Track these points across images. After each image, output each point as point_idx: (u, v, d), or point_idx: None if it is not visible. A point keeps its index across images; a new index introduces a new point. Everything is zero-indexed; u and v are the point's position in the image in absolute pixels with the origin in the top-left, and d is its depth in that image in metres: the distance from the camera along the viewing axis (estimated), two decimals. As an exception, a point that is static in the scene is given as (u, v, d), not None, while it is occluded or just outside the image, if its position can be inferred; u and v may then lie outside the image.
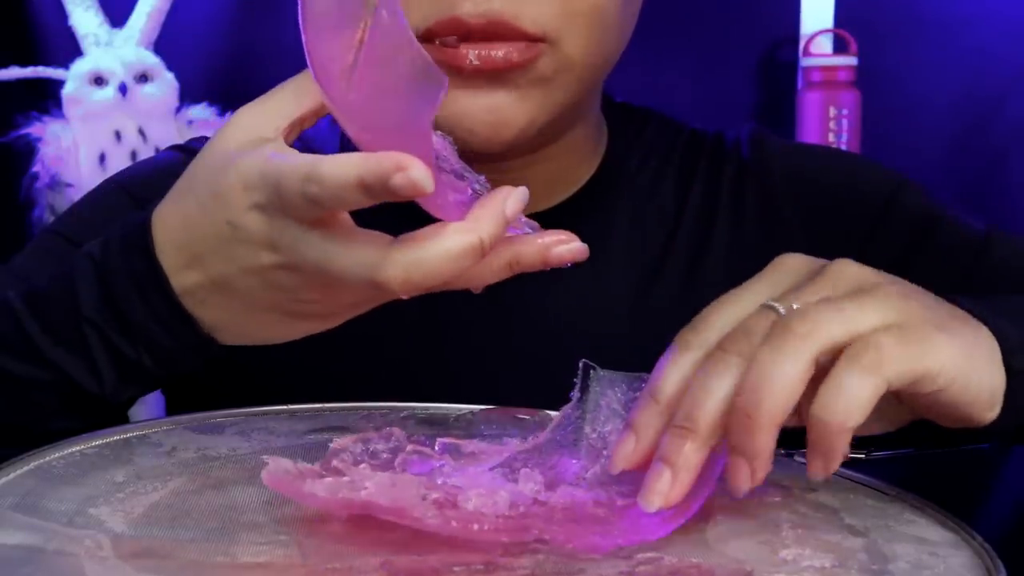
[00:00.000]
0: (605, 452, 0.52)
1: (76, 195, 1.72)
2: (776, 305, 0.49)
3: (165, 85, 1.73)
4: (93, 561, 0.43)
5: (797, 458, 0.60)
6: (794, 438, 0.63)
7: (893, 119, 1.72)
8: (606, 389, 0.53)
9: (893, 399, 0.51)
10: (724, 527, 0.49)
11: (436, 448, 0.52)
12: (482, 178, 0.51)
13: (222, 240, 0.52)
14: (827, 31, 1.74)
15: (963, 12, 1.71)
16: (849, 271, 0.50)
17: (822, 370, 0.47)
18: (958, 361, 0.49)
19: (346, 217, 0.50)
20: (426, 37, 0.64)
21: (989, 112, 1.72)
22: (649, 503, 0.47)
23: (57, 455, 0.54)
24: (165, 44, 1.75)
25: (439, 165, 0.49)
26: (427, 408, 0.65)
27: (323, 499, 0.46)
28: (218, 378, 0.76)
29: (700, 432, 0.47)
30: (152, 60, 1.73)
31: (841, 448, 0.47)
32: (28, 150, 1.73)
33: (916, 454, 0.70)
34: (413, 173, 0.45)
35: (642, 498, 0.47)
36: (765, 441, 0.47)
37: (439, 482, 0.49)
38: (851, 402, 0.46)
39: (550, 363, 0.60)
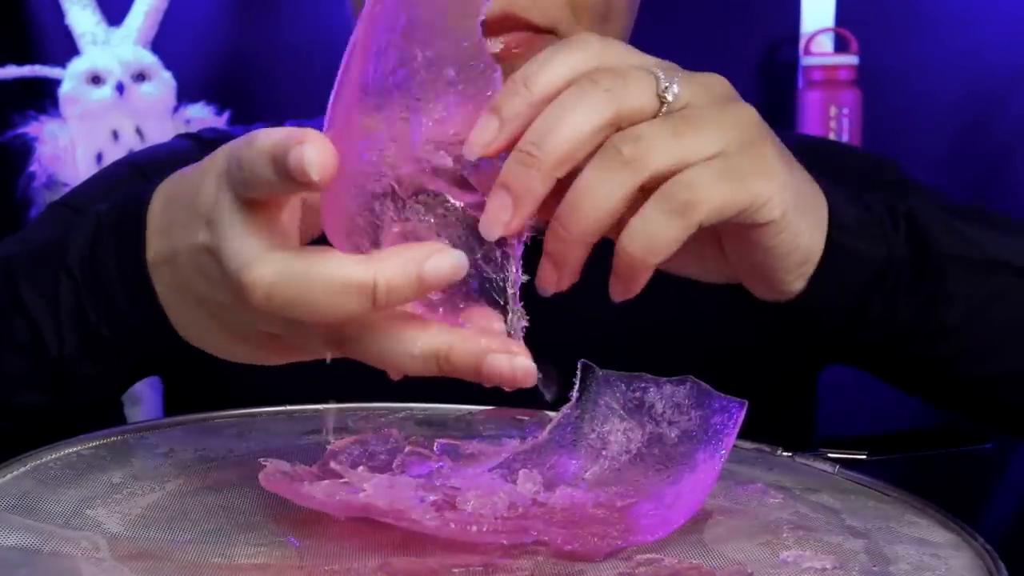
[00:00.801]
0: (604, 452, 0.52)
1: (74, 194, 1.72)
2: (659, 75, 0.48)
3: (163, 84, 1.72)
4: (90, 563, 0.43)
5: (798, 458, 0.60)
6: (794, 438, 0.63)
7: (894, 118, 1.72)
8: (605, 389, 0.53)
9: (714, 244, 0.53)
10: (724, 528, 0.49)
11: (435, 449, 0.52)
12: (520, 311, 0.47)
13: (186, 208, 0.49)
14: (828, 30, 1.73)
15: (964, 11, 1.71)
16: (721, 84, 0.50)
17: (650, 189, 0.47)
18: (787, 196, 0.49)
19: (286, 224, 0.46)
20: None
21: (990, 111, 1.71)
22: (489, 232, 0.45)
23: (54, 456, 0.54)
24: (163, 43, 1.75)
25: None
26: (425, 409, 0.65)
27: (320, 501, 0.46)
28: (215, 378, 0.76)
29: (546, 163, 0.45)
30: (150, 59, 1.73)
31: (642, 279, 0.48)
32: (25, 149, 1.72)
33: (917, 455, 0.70)
34: (306, 150, 0.40)
35: (482, 226, 0.45)
36: (575, 254, 0.47)
37: (437, 483, 0.48)
38: (654, 240, 0.47)
39: (549, 362, 0.59)
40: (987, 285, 0.61)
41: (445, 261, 0.42)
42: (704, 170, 0.47)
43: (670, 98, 0.48)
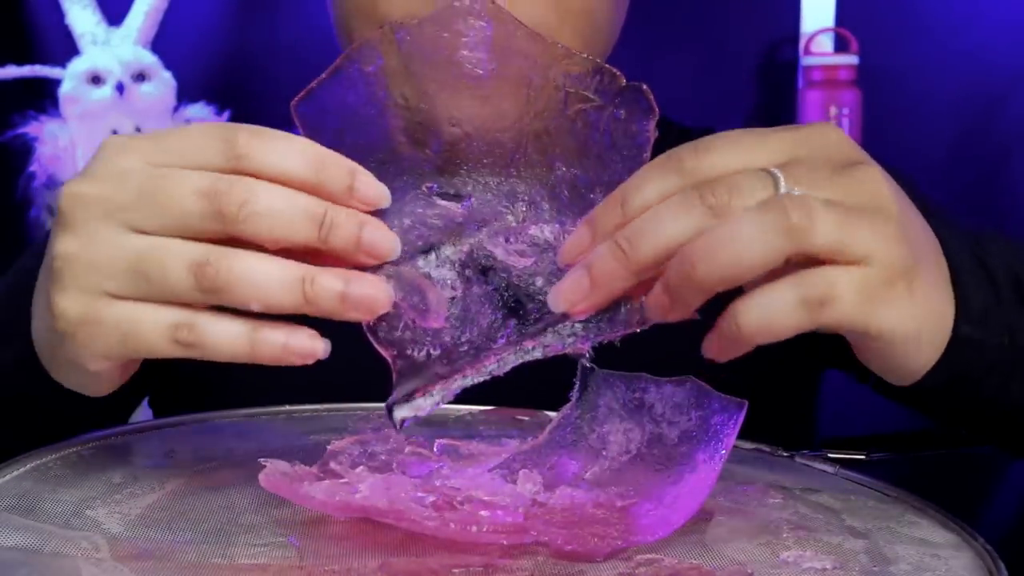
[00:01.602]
0: (604, 453, 0.52)
1: (74, 194, 1.72)
2: (779, 176, 0.45)
3: (163, 84, 1.72)
4: (90, 563, 0.43)
5: (798, 459, 0.60)
6: (794, 439, 0.63)
7: (894, 118, 1.72)
8: (605, 390, 0.52)
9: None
10: (724, 528, 0.49)
11: (434, 449, 0.52)
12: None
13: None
14: (828, 30, 1.73)
15: (964, 11, 1.71)
16: (873, 177, 0.47)
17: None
18: (908, 329, 0.47)
19: None
20: None
21: (990, 111, 1.72)
22: (554, 302, 0.47)
23: (54, 456, 0.54)
24: (163, 43, 1.75)
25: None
26: (426, 409, 0.65)
27: (320, 501, 0.46)
28: (215, 381, 0.76)
29: (632, 260, 0.45)
30: (149, 59, 1.73)
31: (741, 350, 0.46)
32: (25, 149, 1.72)
33: (917, 456, 0.70)
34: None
35: (551, 296, 0.47)
36: (691, 296, 0.45)
37: (437, 484, 0.48)
38: (773, 322, 0.44)
39: (549, 363, 0.59)
40: None
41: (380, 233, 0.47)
42: (848, 275, 0.44)
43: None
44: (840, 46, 1.74)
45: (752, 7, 1.77)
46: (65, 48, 1.75)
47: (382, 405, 0.65)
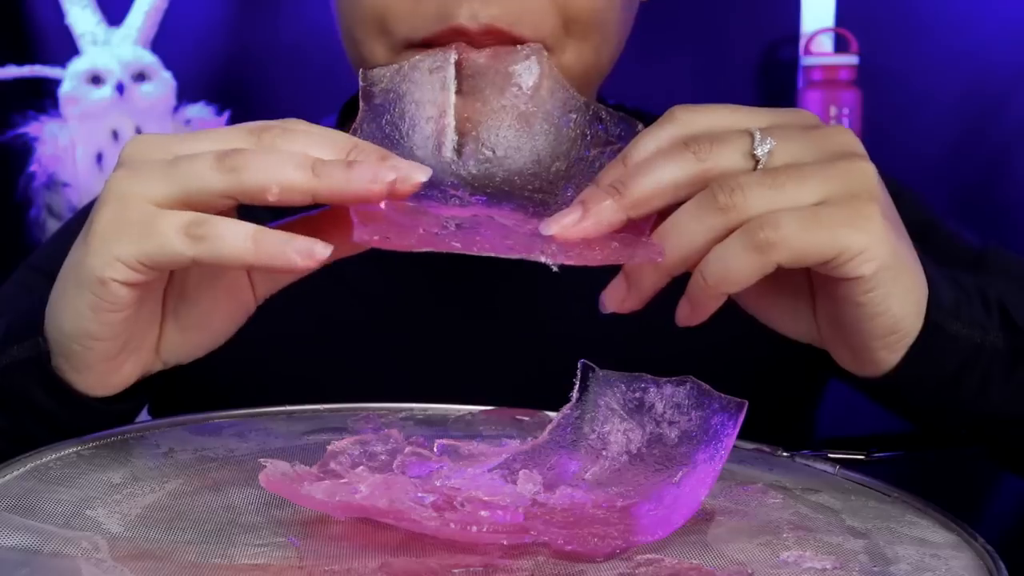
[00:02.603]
0: (604, 453, 0.52)
1: (73, 194, 1.72)
2: (755, 132, 0.50)
3: (163, 84, 1.72)
4: (90, 563, 0.43)
5: (798, 459, 0.60)
6: (794, 439, 0.63)
7: (894, 118, 1.72)
8: (605, 389, 0.52)
9: (807, 301, 0.54)
10: (724, 528, 0.49)
11: (435, 449, 0.52)
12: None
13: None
14: (828, 30, 1.73)
15: (964, 11, 1.71)
16: (847, 135, 0.52)
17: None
18: (881, 254, 0.49)
19: None
20: (425, 44, 0.64)
21: (990, 111, 1.71)
22: (545, 227, 0.50)
23: (54, 456, 0.54)
24: (163, 43, 1.75)
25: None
26: (426, 409, 0.65)
27: (320, 501, 0.46)
28: (214, 382, 0.76)
29: (625, 198, 0.50)
30: (149, 59, 1.73)
31: (711, 306, 0.51)
32: (25, 149, 1.72)
33: (917, 456, 0.70)
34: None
35: (543, 223, 0.50)
36: (651, 281, 0.51)
37: (437, 483, 0.48)
38: (729, 271, 0.49)
39: (549, 364, 0.59)
40: None
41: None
42: (794, 214, 0.48)
43: (762, 155, 0.50)
44: (840, 46, 1.74)
45: (752, 7, 1.77)
46: (65, 48, 1.75)
47: (382, 405, 0.65)
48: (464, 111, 0.57)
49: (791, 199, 0.48)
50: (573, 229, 0.49)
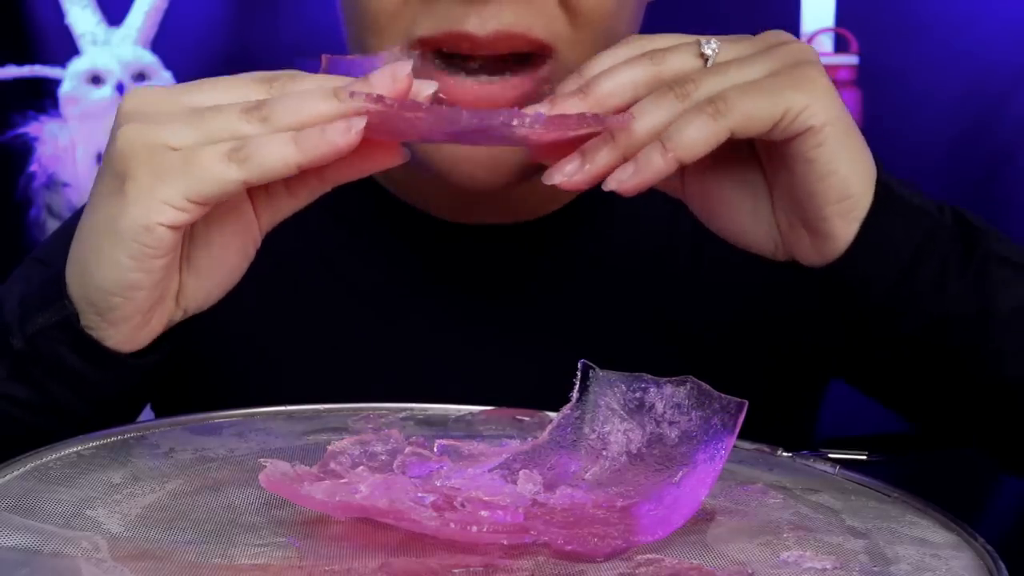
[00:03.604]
0: (604, 453, 0.52)
1: (73, 194, 1.72)
2: (701, 40, 0.57)
3: (163, 84, 1.72)
4: (90, 563, 0.43)
5: (798, 459, 0.60)
6: (794, 439, 0.63)
7: (894, 118, 1.72)
8: (605, 389, 0.52)
9: (764, 195, 0.58)
10: (724, 528, 0.49)
11: (435, 449, 0.52)
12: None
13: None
14: (828, 30, 1.73)
15: (964, 11, 1.70)
16: (782, 37, 0.57)
17: None
18: (827, 108, 0.54)
19: None
20: (431, 45, 0.64)
21: (991, 111, 1.71)
22: (519, 124, 0.53)
23: (54, 456, 0.54)
24: (162, 43, 1.75)
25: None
26: (426, 409, 0.65)
27: (320, 501, 0.46)
28: (214, 382, 0.76)
29: (588, 96, 0.55)
30: (149, 59, 1.73)
31: (653, 170, 0.54)
32: (25, 149, 1.72)
33: (917, 456, 0.70)
34: None
35: (521, 111, 0.53)
36: (607, 157, 0.55)
37: (437, 483, 0.48)
38: (684, 138, 0.53)
39: (549, 364, 0.59)
40: None
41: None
42: (741, 87, 0.54)
43: (710, 53, 0.56)
44: (840, 46, 1.74)
45: (752, 7, 1.77)
46: (65, 48, 1.75)
47: (382, 405, 0.65)
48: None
49: (739, 78, 0.54)
50: (543, 115, 0.53)
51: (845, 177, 0.55)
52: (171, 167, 0.52)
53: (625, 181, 0.54)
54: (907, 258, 0.58)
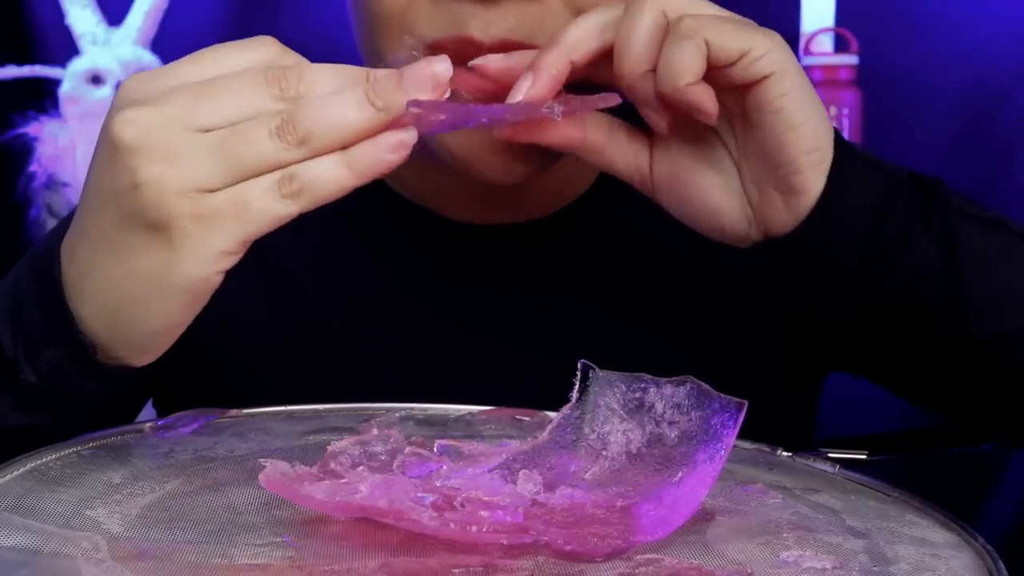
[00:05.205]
0: (604, 453, 0.52)
1: (73, 194, 1.71)
2: None
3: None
4: (90, 563, 0.43)
5: (798, 458, 0.60)
6: (794, 439, 0.63)
7: (895, 118, 1.72)
8: (605, 390, 0.52)
9: (734, 172, 0.59)
10: (724, 528, 0.49)
11: (435, 450, 0.52)
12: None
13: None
14: (828, 30, 1.73)
15: (964, 11, 1.70)
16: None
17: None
18: (787, 57, 0.56)
19: None
20: (436, 48, 0.64)
21: (991, 111, 1.71)
22: (513, 95, 0.55)
23: (54, 456, 0.54)
24: (162, 43, 1.75)
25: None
26: (426, 409, 0.65)
27: (320, 501, 0.46)
28: (214, 382, 0.76)
29: (561, 44, 0.57)
30: (149, 59, 1.73)
31: (671, 108, 0.56)
32: (25, 149, 1.72)
33: (917, 455, 0.70)
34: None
35: (510, 95, 0.56)
36: (634, 79, 0.56)
37: (437, 484, 0.48)
38: (674, 66, 0.54)
39: (549, 364, 0.59)
40: (993, 240, 0.61)
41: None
42: (709, 14, 0.56)
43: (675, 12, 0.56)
44: (840, 46, 1.74)
45: (752, 7, 1.77)
46: (65, 48, 1.75)
47: (382, 405, 0.65)
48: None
49: (709, 8, 0.56)
50: (533, 90, 0.56)
51: (814, 126, 0.57)
52: (219, 213, 0.48)
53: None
54: (872, 212, 0.59)
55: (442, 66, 0.50)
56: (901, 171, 0.62)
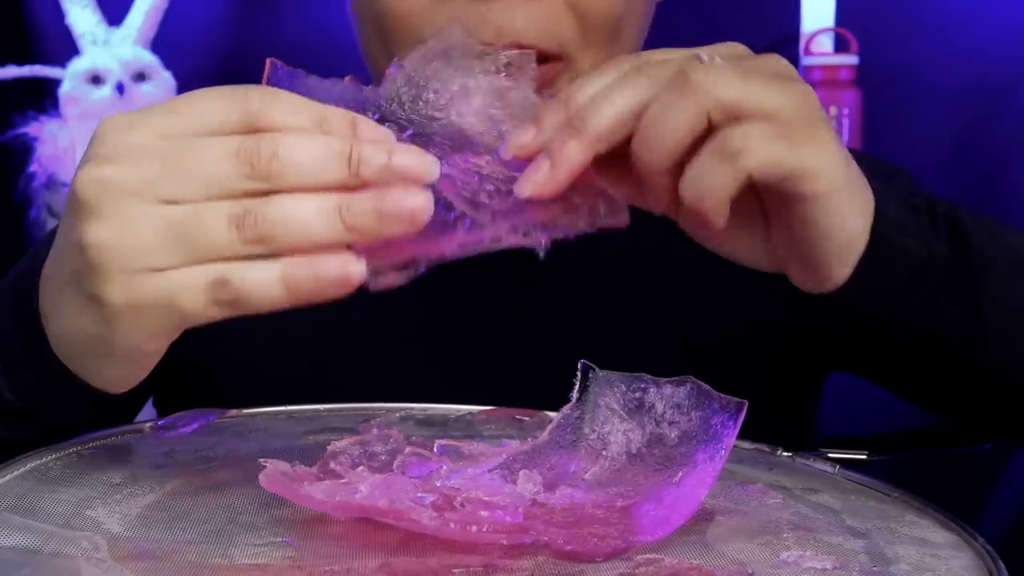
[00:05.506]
0: (604, 453, 0.52)
1: (74, 194, 1.71)
2: (700, 54, 0.51)
3: (162, 84, 1.72)
4: (90, 563, 0.43)
5: (798, 459, 0.60)
6: (794, 439, 0.63)
7: (894, 118, 1.72)
8: (605, 390, 0.52)
9: (763, 223, 0.55)
10: (724, 528, 0.49)
11: (435, 450, 0.52)
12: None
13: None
14: (828, 30, 1.73)
15: (964, 11, 1.70)
16: (785, 62, 0.52)
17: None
18: (837, 173, 0.51)
19: None
20: None
21: (991, 111, 1.71)
22: (521, 189, 0.49)
23: (54, 456, 0.54)
24: (162, 43, 1.75)
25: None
26: (426, 409, 0.65)
27: (320, 501, 0.46)
28: (214, 382, 0.76)
29: (587, 133, 0.49)
30: (149, 59, 1.73)
31: (700, 217, 0.50)
32: (25, 149, 1.72)
33: (917, 455, 0.70)
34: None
35: (517, 185, 0.49)
36: (652, 179, 0.50)
37: (437, 484, 0.48)
38: (705, 184, 0.49)
39: (549, 364, 0.59)
40: (1012, 277, 0.61)
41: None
42: (759, 125, 0.49)
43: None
44: (840, 46, 1.74)
45: (752, 7, 1.77)
46: (65, 48, 1.75)
47: (382, 405, 0.65)
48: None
49: (755, 97, 0.49)
50: (548, 183, 0.49)
51: (850, 233, 0.54)
52: (149, 305, 0.46)
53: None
54: (898, 292, 0.58)
55: (420, 201, 0.46)
56: (938, 231, 0.59)
